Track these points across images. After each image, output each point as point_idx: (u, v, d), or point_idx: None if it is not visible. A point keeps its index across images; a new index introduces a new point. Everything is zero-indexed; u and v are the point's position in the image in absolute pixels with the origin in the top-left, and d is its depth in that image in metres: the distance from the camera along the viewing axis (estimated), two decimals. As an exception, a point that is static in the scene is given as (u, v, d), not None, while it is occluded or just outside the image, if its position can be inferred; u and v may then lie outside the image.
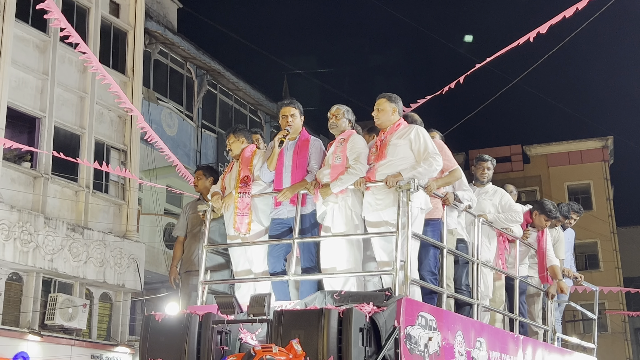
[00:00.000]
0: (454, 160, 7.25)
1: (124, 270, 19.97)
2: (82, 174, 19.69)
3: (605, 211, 40.15)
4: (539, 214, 8.77)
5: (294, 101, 7.27)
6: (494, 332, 7.44)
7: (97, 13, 21.01)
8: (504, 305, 8.36)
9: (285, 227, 7.03)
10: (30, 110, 18.85)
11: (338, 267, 6.64)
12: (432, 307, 6.37)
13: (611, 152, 42.08)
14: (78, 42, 9.73)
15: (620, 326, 38.53)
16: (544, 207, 8.75)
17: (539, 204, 8.90)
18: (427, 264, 6.82)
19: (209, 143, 25.81)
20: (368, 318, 5.55)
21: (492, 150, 39.37)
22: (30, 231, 17.66)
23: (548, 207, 8.74)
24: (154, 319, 6.20)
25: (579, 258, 10.72)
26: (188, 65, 25.21)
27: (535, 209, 8.86)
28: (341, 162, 6.73)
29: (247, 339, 6.15)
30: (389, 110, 6.86)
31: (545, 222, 8.75)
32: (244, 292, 7.11)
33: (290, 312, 5.72)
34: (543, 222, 8.75)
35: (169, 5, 25.66)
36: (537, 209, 8.80)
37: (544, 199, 9.07)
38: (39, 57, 19.32)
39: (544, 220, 8.73)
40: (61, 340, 18.25)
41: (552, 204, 8.85)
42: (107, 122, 21.05)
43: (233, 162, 7.60)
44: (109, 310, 20.27)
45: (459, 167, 7.23)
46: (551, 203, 8.87)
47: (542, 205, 8.80)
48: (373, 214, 6.62)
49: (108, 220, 20.32)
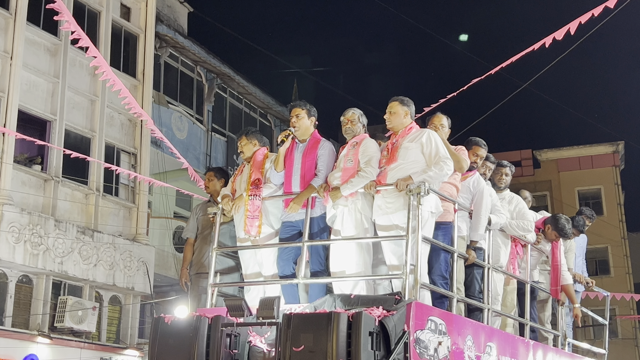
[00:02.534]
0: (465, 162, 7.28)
1: (133, 273, 19.99)
2: (92, 176, 19.73)
3: (616, 216, 39.98)
4: (551, 229, 8.69)
5: (301, 102, 7.26)
6: (504, 337, 7.40)
7: (108, 17, 21.07)
8: (515, 310, 8.32)
9: (295, 230, 7.01)
10: (41, 113, 18.90)
11: (347, 270, 6.62)
12: (442, 311, 6.33)
13: (622, 157, 41.91)
14: (88, 46, 9.74)
15: (631, 332, 38.34)
16: (557, 224, 8.64)
17: (553, 219, 8.77)
18: (437, 268, 6.79)
19: (219, 146, 25.84)
20: (377, 322, 5.52)
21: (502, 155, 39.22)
22: (40, 234, 17.70)
23: (562, 224, 8.62)
24: (164, 322, 6.19)
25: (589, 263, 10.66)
26: (198, 69, 25.25)
27: (549, 222, 8.77)
28: (352, 165, 6.71)
29: (256, 342, 6.14)
30: (401, 114, 6.85)
31: (556, 237, 8.69)
32: (253, 295, 7.10)
33: (299, 316, 5.69)
34: (554, 237, 8.69)
35: (180, 9, 25.73)
36: (551, 224, 8.71)
37: (559, 216, 8.87)
38: (50, 61, 19.38)
39: (555, 236, 8.68)
40: (71, 342, 18.27)
41: (567, 221, 8.71)
42: (118, 125, 21.09)
43: (244, 164, 7.59)
44: (118, 313, 20.29)
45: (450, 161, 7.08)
46: (565, 219, 8.73)
47: (557, 222, 8.67)
48: (383, 217, 6.60)
49: (118, 223, 20.34)
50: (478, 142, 7.86)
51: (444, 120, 7.41)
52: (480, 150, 7.85)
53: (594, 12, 9.76)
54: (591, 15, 9.80)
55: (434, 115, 7.52)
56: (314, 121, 7.22)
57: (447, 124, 7.43)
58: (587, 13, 9.79)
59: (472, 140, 7.88)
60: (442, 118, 7.42)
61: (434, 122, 7.36)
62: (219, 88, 26.13)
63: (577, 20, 9.87)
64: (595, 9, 9.75)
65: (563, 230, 8.60)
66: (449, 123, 7.46)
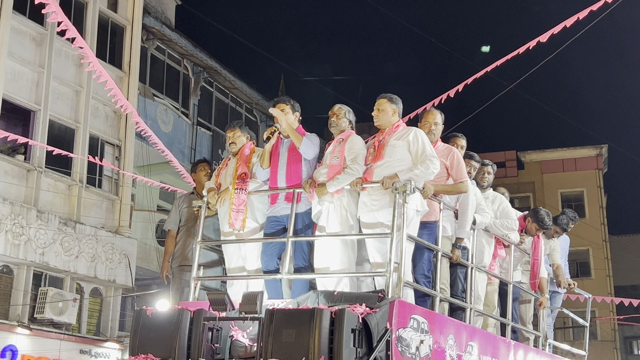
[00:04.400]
0: (465, 174, 7.22)
1: (115, 266, 19.90)
2: (75, 168, 19.61)
3: (598, 219, 40.23)
4: (531, 221, 8.76)
5: (285, 97, 7.24)
6: (485, 337, 7.43)
7: (95, 7, 20.94)
8: (497, 310, 8.35)
9: (280, 225, 7.00)
10: (25, 103, 18.77)
11: (331, 267, 6.62)
12: (425, 310, 6.34)
13: (605, 160, 42.16)
14: (75, 37, 9.67)
15: (610, 334, 38.61)
16: (537, 216, 8.72)
17: (534, 212, 8.88)
18: (420, 267, 6.80)
19: (204, 141, 25.75)
20: (360, 319, 5.52)
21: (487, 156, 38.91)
22: (22, 224, 17.58)
23: (541, 216, 8.70)
24: (145, 314, 6.17)
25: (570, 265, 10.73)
26: (185, 62, 25.15)
27: (529, 215, 8.86)
28: (339, 162, 6.71)
29: (239, 337, 6.13)
30: (389, 111, 6.85)
31: (536, 231, 8.73)
32: (236, 289, 7.08)
33: (282, 311, 5.68)
34: (534, 230, 8.74)
35: (168, 2, 25.60)
36: (531, 217, 8.79)
37: (539, 208, 9.01)
38: (35, 50, 19.24)
39: (535, 228, 8.72)
40: (50, 334, 18.17)
41: (547, 214, 8.79)
42: (102, 116, 20.98)
43: (229, 158, 7.57)
44: (99, 306, 20.20)
45: (467, 182, 7.18)
46: (546, 213, 8.81)
47: (537, 214, 8.76)
48: (368, 214, 6.60)
49: (100, 215, 20.24)
50: (456, 134, 7.93)
51: (438, 117, 7.40)
52: (460, 140, 7.86)
53: (579, 16, 9.84)
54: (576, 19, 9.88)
55: (428, 112, 7.52)
56: (298, 116, 7.22)
57: (441, 120, 7.43)
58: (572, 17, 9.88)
59: (453, 135, 7.97)
60: (436, 115, 7.41)
61: (428, 119, 7.34)
62: (205, 82, 26.04)
63: (562, 23, 9.95)
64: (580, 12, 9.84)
65: (543, 222, 8.65)
66: (442, 119, 7.46)
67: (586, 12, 9.81)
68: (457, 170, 7.13)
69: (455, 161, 7.15)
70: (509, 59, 10.71)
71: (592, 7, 9.75)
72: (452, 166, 7.13)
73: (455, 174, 7.12)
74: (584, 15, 9.84)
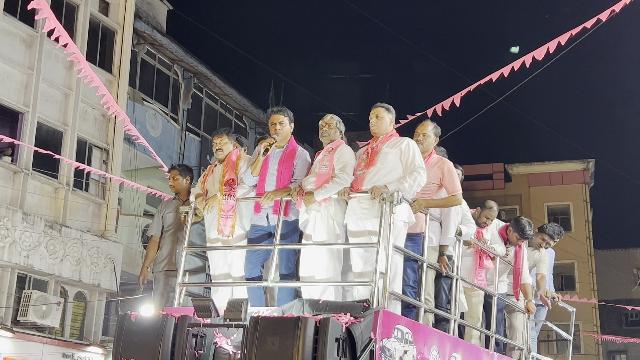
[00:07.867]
0: (458, 186, 7.24)
1: (100, 270, 19.82)
2: (62, 171, 19.53)
3: (584, 233, 40.39)
4: (513, 230, 8.81)
5: (283, 109, 7.26)
6: (469, 348, 7.45)
7: (87, 11, 20.90)
8: (481, 322, 8.36)
9: (264, 231, 7.02)
10: (13, 104, 18.69)
11: (317, 276, 6.63)
12: (409, 320, 6.36)
13: (592, 174, 42.38)
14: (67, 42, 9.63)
15: (594, 348, 38.71)
16: (518, 225, 8.75)
17: (515, 221, 8.92)
18: (405, 278, 6.81)
19: (193, 146, 25.72)
20: (344, 328, 5.53)
21: (474, 168, 39.56)
22: (7, 226, 17.49)
23: (522, 226, 8.72)
24: (129, 319, 6.15)
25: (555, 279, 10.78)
26: (175, 68, 25.13)
27: (511, 225, 8.90)
28: (327, 171, 6.75)
29: (223, 344, 6.12)
30: (387, 120, 6.98)
31: (517, 240, 8.77)
32: (221, 296, 7.07)
33: (266, 319, 5.68)
34: (515, 239, 8.77)
35: (159, 7, 25.59)
36: (512, 226, 8.84)
37: (520, 217, 9.07)
38: (25, 52, 19.18)
39: (517, 238, 8.76)
40: (33, 337, 18.06)
41: (528, 223, 8.83)
42: (91, 120, 20.93)
43: (215, 164, 7.57)
44: (83, 310, 20.10)
45: (459, 195, 7.21)
46: (527, 222, 8.84)
47: (518, 223, 8.80)
48: (356, 222, 6.62)
49: (87, 219, 20.17)
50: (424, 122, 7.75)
51: (428, 128, 7.42)
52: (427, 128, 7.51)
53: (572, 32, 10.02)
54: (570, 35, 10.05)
55: (421, 122, 7.57)
56: (292, 127, 7.27)
57: (434, 133, 7.45)
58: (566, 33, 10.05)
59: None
60: (426, 127, 7.43)
61: (417, 130, 7.41)
62: (195, 87, 26.02)
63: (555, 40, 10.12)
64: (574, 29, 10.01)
65: (523, 231, 8.69)
66: (436, 132, 7.47)
67: (578, 29, 10.00)
68: (450, 182, 7.16)
69: (447, 172, 7.19)
70: (502, 72, 10.78)
71: (586, 24, 9.94)
72: (444, 177, 7.17)
73: (448, 185, 7.15)
74: (576, 32, 10.06)
